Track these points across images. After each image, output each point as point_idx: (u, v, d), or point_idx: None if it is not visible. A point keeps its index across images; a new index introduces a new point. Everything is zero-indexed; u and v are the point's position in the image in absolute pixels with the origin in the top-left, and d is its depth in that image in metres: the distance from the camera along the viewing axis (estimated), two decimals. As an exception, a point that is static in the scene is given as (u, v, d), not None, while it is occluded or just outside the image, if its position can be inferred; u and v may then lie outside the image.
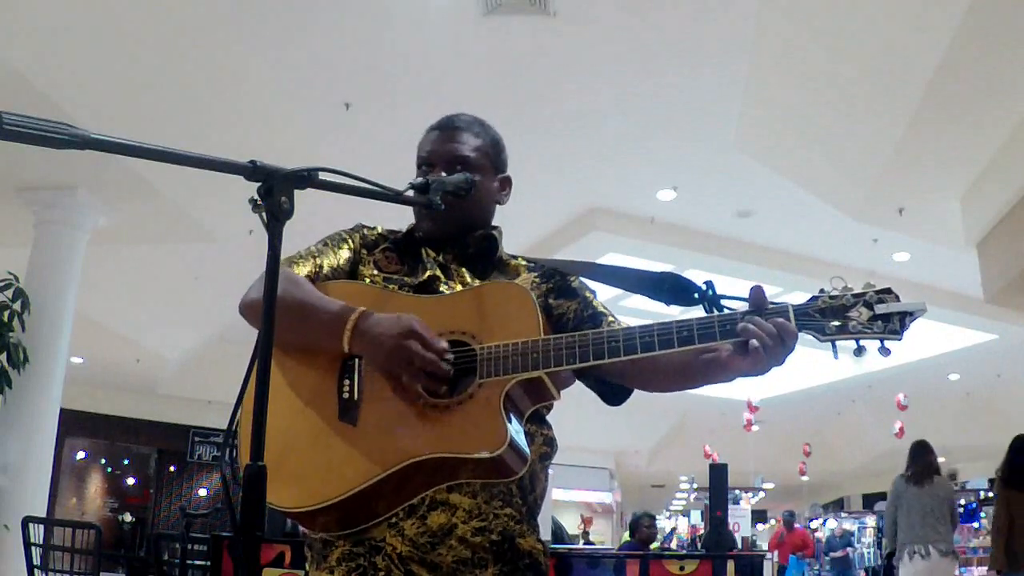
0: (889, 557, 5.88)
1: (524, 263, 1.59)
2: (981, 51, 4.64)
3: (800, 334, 1.23)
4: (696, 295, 1.39)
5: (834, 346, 1.23)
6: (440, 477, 1.27)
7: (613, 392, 1.52)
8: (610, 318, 1.49)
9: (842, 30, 4.96)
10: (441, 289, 1.46)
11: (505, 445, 1.21)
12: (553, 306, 1.52)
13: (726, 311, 1.32)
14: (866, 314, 1.22)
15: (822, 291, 1.26)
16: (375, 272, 1.51)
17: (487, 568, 1.32)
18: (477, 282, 1.50)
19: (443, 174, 1.49)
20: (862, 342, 1.22)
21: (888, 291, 1.23)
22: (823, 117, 5.96)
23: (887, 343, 1.21)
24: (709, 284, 1.37)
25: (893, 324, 1.21)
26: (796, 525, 13.14)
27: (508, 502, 1.36)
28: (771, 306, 1.24)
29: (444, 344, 1.27)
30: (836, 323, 1.22)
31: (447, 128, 1.57)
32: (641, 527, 7.29)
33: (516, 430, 1.25)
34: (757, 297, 1.24)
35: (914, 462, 5.68)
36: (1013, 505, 4.91)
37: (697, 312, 1.33)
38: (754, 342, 1.19)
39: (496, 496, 1.35)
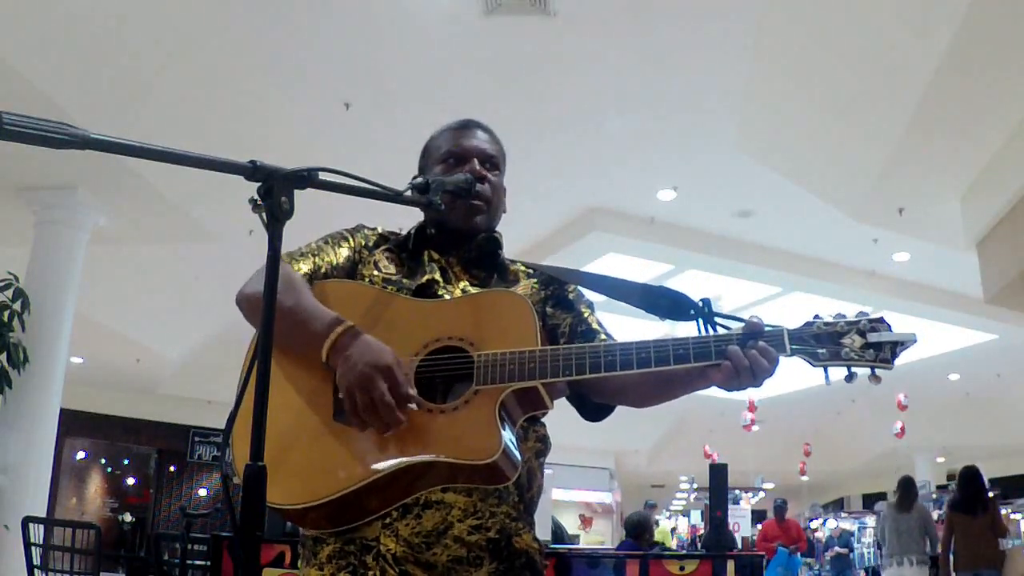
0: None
1: (523, 268, 1.59)
2: (981, 52, 4.64)
3: (793, 358, 1.26)
4: (692, 311, 1.40)
5: (826, 371, 1.27)
6: (432, 480, 1.27)
7: (593, 408, 1.53)
8: (602, 335, 1.50)
9: (842, 30, 4.96)
10: (440, 293, 1.46)
11: (499, 453, 1.21)
12: (549, 315, 1.53)
13: (721, 327, 1.35)
14: (859, 342, 1.25)
15: (817, 317, 1.29)
16: (375, 273, 1.51)
17: (482, 566, 1.32)
18: (475, 289, 1.50)
19: (476, 165, 1.51)
20: (853, 369, 1.26)
21: (881, 320, 1.27)
22: (823, 117, 5.96)
23: (878, 371, 1.25)
24: (706, 302, 1.39)
25: (884, 353, 1.25)
26: (789, 516, 11.55)
27: (504, 500, 1.36)
28: (768, 329, 1.27)
29: (412, 392, 1.26)
30: (829, 349, 1.25)
31: (472, 127, 1.59)
32: (648, 526, 7.30)
33: (509, 438, 1.26)
34: (753, 326, 1.28)
35: (902, 495, 7.16)
36: (957, 526, 6.40)
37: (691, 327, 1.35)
38: (728, 367, 1.24)
39: (492, 494, 1.35)
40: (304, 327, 1.32)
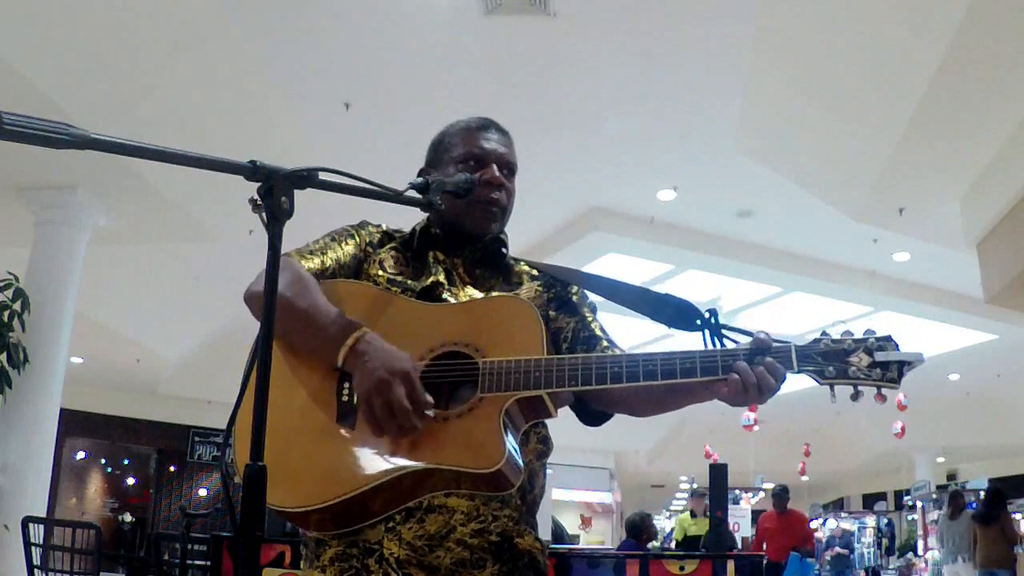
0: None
1: (527, 269, 1.59)
2: (981, 51, 4.64)
3: (800, 375, 1.26)
4: (698, 322, 1.40)
5: (832, 389, 1.26)
6: (435, 486, 1.27)
7: (593, 413, 1.52)
8: (604, 343, 1.50)
9: (842, 30, 4.96)
10: (444, 296, 1.45)
11: (502, 462, 1.21)
12: (552, 318, 1.53)
13: (727, 339, 1.35)
14: (866, 360, 1.25)
15: (824, 334, 1.28)
16: (380, 272, 1.50)
17: (485, 568, 1.32)
18: (479, 293, 1.49)
19: (495, 171, 1.51)
20: (860, 388, 1.25)
21: (888, 339, 1.26)
22: (823, 117, 5.95)
23: (884, 390, 1.25)
24: (713, 312, 1.39)
25: (891, 372, 1.24)
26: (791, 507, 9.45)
27: (506, 503, 1.36)
28: (775, 345, 1.26)
29: (429, 399, 1.25)
30: (836, 367, 1.24)
31: (491, 128, 1.57)
32: (648, 526, 7.33)
33: (512, 445, 1.26)
34: (760, 343, 1.27)
35: (951, 507, 8.72)
36: (978, 532, 7.80)
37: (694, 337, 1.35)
38: (736, 382, 1.23)
39: (494, 497, 1.34)
40: (320, 330, 1.31)
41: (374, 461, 1.26)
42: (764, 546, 8.98)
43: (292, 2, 4.82)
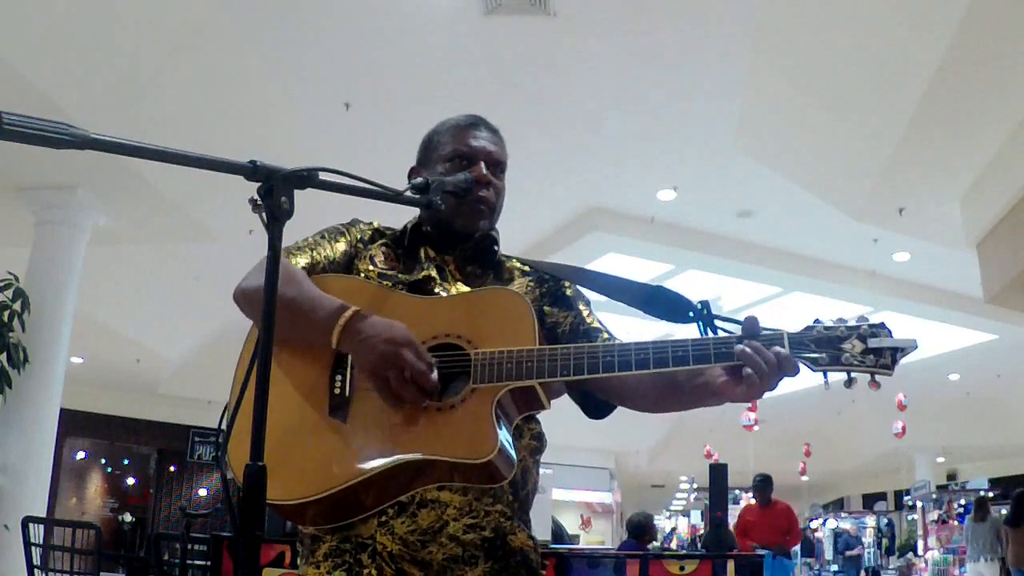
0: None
1: (519, 266, 1.59)
2: (981, 51, 4.64)
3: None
4: (691, 313, 1.40)
5: (825, 376, 1.26)
6: (428, 478, 1.27)
7: (596, 406, 1.52)
8: (605, 335, 1.49)
9: (842, 30, 4.97)
10: (435, 290, 1.46)
11: (495, 452, 1.21)
12: (547, 313, 1.53)
13: (720, 332, 1.35)
14: (859, 347, 1.25)
15: (817, 321, 1.28)
16: (371, 268, 1.50)
17: (477, 565, 1.32)
18: (468, 288, 1.49)
19: (483, 169, 1.51)
20: (853, 374, 1.25)
21: (881, 326, 1.26)
22: (823, 117, 5.95)
23: (877, 377, 1.24)
24: (704, 303, 1.39)
25: (885, 359, 1.24)
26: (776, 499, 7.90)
27: (499, 498, 1.36)
28: (766, 332, 1.26)
29: (433, 360, 1.26)
30: (829, 354, 1.24)
31: (479, 126, 1.57)
32: (651, 526, 7.32)
33: (505, 437, 1.26)
34: (751, 326, 1.26)
35: (977, 509, 9.56)
36: (1011, 535, 8.36)
37: (691, 330, 1.34)
38: (748, 369, 1.21)
39: (487, 492, 1.34)
40: (310, 315, 1.31)
41: (366, 453, 1.26)
42: (749, 541, 7.70)
43: (292, 2, 4.82)
